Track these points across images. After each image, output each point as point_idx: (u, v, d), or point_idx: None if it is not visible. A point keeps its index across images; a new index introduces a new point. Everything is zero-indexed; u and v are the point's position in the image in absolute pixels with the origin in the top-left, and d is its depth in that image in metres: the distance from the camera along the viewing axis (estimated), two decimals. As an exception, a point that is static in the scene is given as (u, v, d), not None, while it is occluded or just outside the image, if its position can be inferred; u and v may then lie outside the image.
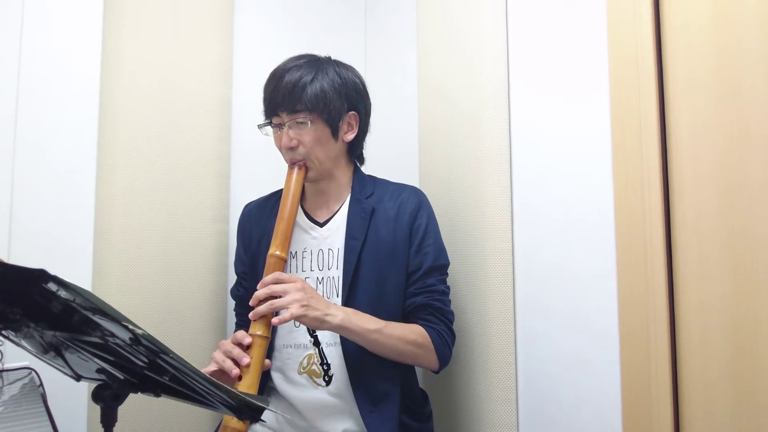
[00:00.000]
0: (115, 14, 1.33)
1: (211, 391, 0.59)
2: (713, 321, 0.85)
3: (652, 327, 0.92)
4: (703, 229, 0.87)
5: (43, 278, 0.49)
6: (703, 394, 0.87)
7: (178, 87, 1.40)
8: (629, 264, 0.96)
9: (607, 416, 1.00)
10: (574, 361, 1.06)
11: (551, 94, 1.13)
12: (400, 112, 1.61)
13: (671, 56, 0.92)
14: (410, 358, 1.08)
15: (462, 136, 1.30)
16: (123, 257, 1.29)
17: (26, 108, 1.25)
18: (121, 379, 0.64)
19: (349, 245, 1.11)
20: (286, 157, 1.11)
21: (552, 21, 1.14)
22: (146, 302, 1.31)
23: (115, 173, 1.30)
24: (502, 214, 1.20)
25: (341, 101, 1.10)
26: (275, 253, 1.03)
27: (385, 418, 1.04)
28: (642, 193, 0.94)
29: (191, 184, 1.40)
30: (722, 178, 0.85)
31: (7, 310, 0.60)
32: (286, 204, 1.07)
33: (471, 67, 1.29)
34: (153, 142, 1.35)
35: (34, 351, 0.71)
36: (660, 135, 0.93)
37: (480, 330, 1.21)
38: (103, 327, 0.54)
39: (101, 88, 1.32)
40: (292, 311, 0.93)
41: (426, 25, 1.49)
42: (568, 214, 1.09)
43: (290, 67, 1.09)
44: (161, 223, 1.35)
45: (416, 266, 1.11)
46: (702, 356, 0.87)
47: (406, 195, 1.16)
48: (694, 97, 0.89)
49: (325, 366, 1.08)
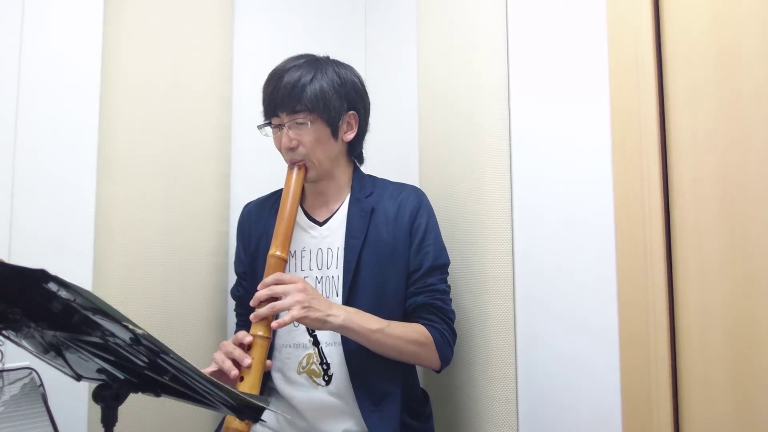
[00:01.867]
0: (115, 14, 1.33)
1: (212, 391, 0.59)
2: (713, 322, 0.85)
3: (652, 328, 0.92)
4: (703, 230, 0.87)
5: (43, 278, 0.49)
6: (702, 395, 0.87)
7: (178, 87, 1.40)
8: (629, 265, 0.96)
9: (607, 417, 1.00)
10: (574, 361, 1.06)
11: (551, 95, 1.13)
12: (400, 112, 1.61)
13: (671, 58, 0.92)
14: (412, 358, 1.08)
15: (462, 136, 1.31)
16: (123, 257, 1.29)
17: (26, 108, 1.25)
18: (121, 379, 0.64)
19: (348, 244, 1.11)
20: (286, 157, 1.11)
21: (552, 22, 1.14)
22: (146, 302, 1.31)
23: (115, 173, 1.30)
24: (502, 214, 1.20)
25: (341, 101, 1.10)
26: (276, 254, 1.02)
27: (387, 418, 1.04)
28: (642, 194, 0.94)
29: (191, 184, 1.40)
30: (722, 180, 0.85)
31: (8, 310, 0.60)
32: (286, 204, 1.06)
33: (471, 67, 1.29)
34: (153, 142, 1.35)
35: (35, 351, 0.72)
36: (660, 136, 0.93)
37: (480, 330, 1.22)
38: (103, 327, 0.54)
39: (101, 88, 1.32)
40: (293, 313, 0.93)
41: (426, 25, 1.49)
42: (568, 214, 1.09)
43: (289, 68, 1.08)
44: (161, 223, 1.35)
45: (417, 265, 1.11)
46: (702, 358, 0.87)
47: (406, 194, 1.16)
48: (694, 98, 0.89)
49: (325, 365, 1.08)
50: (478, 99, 1.26)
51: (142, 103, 1.34)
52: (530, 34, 1.19)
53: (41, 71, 1.27)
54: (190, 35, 1.43)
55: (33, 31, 1.27)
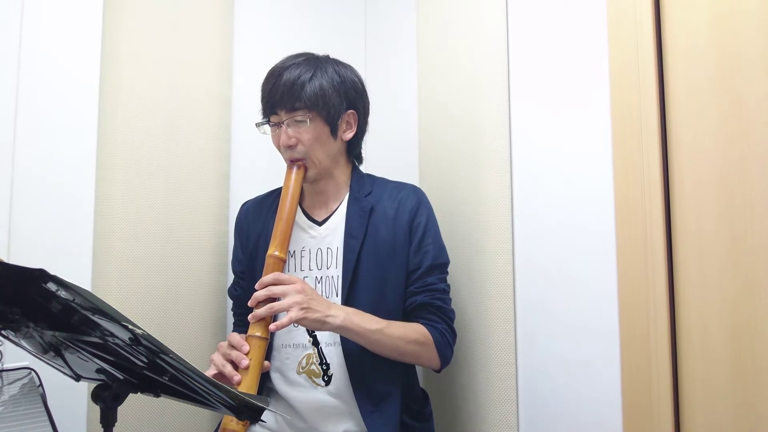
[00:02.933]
0: (114, 14, 1.33)
1: (211, 391, 0.59)
2: (714, 322, 0.85)
3: (652, 328, 0.92)
4: (704, 230, 0.87)
5: (42, 278, 0.49)
6: (703, 395, 0.87)
7: (177, 86, 1.40)
8: (630, 265, 0.96)
9: (607, 417, 1.00)
10: (575, 361, 1.06)
11: (552, 95, 1.13)
12: (400, 111, 1.61)
13: (672, 58, 0.92)
14: (412, 358, 1.08)
15: (462, 135, 1.30)
16: (123, 257, 1.28)
17: (26, 108, 1.25)
18: (120, 379, 0.64)
19: (348, 244, 1.10)
20: (285, 155, 1.11)
21: (552, 22, 1.14)
22: (146, 302, 1.31)
23: (114, 173, 1.30)
24: (502, 214, 1.20)
25: (340, 99, 1.10)
26: (274, 254, 1.02)
27: (387, 419, 1.04)
28: (642, 194, 0.94)
29: (191, 184, 1.40)
30: (723, 181, 0.85)
31: (7, 310, 0.60)
32: (285, 204, 1.06)
33: (471, 67, 1.29)
34: (152, 142, 1.35)
35: (34, 351, 0.71)
36: (660, 136, 0.93)
37: (480, 330, 1.21)
38: (102, 327, 0.54)
39: (101, 88, 1.32)
40: (291, 315, 0.93)
41: (426, 25, 1.49)
42: (569, 214, 1.09)
43: (289, 65, 1.08)
44: (161, 223, 1.34)
45: (416, 265, 1.11)
46: (702, 357, 0.87)
47: (405, 193, 1.16)
48: (695, 99, 0.88)
49: (324, 366, 1.08)
50: (479, 99, 1.26)
51: (142, 102, 1.34)
52: (530, 34, 1.19)
53: (40, 71, 1.27)
54: (190, 35, 1.43)
55: (32, 30, 1.26)
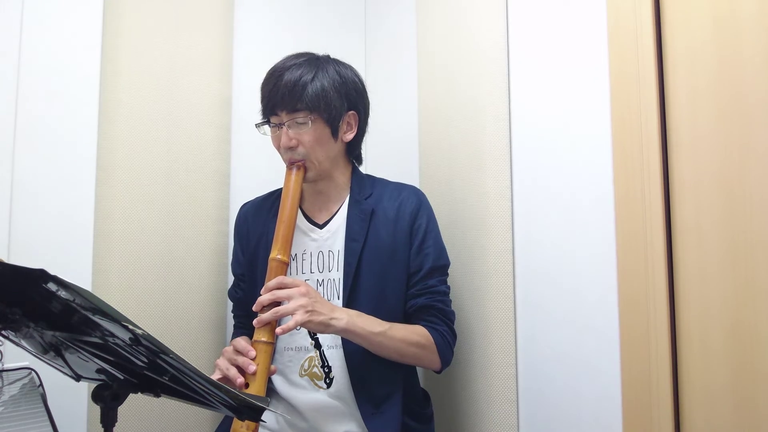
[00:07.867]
0: (114, 14, 1.33)
1: (211, 391, 0.59)
2: (714, 322, 0.85)
3: (652, 327, 0.92)
4: (704, 230, 0.87)
5: (43, 278, 0.49)
6: (703, 395, 0.86)
7: (178, 87, 1.40)
8: (630, 265, 0.96)
9: (607, 417, 1.00)
10: (575, 361, 1.06)
11: (551, 94, 1.13)
12: (401, 112, 1.61)
13: (672, 59, 0.92)
14: (413, 360, 1.08)
15: (462, 135, 1.30)
16: (123, 257, 1.28)
17: (26, 108, 1.25)
18: (121, 379, 0.64)
19: (349, 247, 1.10)
20: (285, 156, 1.10)
21: (552, 21, 1.14)
22: (146, 302, 1.31)
23: (115, 173, 1.30)
24: (502, 214, 1.20)
25: (341, 100, 1.09)
26: (277, 257, 1.01)
27: (387, 421, 1.04)
28: (642, 194, 0.94)
29: (191, 185, 1.40)
30: (723, 180, 0.85)
31: (7, 310, 0.60)
32: (286, 206, 1.05)
33: (471, 67, 1.29)
34: (153, 142, 1.35)
35: (34, 351, 0.71)
36: (660, 135, 0.93)
37: (480, 330, 1.21)
38: (102, 327, 0.54)
39: (101, 88, 1.32)
40: (297, 318, 0.93)
41: (426, 24, 1.49)
42: (569, 215, 1.09)
43: (289, 66, 1.07)
44: (161, 223, 1.34)
45: (417, 267, 1.11)
46: (702, 357, 0.87)
47: (406, 195, 1.16)
48: (695, 97, 0.88)
49: (326, 368, 1.08)
50: (479, 99, 1.26)
51: (142, 102, 1.34)
52: (530, 33, 1.19)
53: (41, 71, 1.27)
54: (190, 35, 1.43)
55: (33, 30, 1.26)
